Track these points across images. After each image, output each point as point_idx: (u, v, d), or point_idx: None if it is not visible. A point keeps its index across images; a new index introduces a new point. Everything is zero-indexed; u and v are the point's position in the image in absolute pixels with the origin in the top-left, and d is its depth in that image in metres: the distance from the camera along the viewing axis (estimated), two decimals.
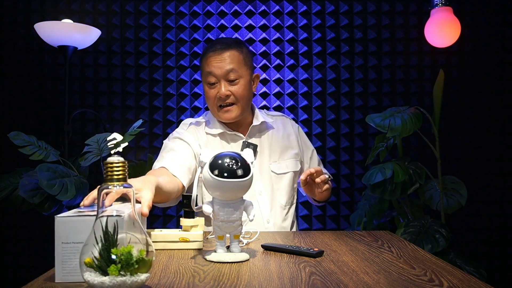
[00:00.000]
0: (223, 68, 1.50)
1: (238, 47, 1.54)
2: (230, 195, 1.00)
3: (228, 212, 1.00)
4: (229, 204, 1.00)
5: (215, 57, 1.51)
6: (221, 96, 1.51)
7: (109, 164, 0.77)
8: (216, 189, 0.98)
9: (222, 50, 1.51)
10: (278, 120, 1.70)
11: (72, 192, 1.77)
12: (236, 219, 1.02)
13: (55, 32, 2.15)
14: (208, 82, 1.53)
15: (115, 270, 0.71)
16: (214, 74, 1.51)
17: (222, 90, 1.50)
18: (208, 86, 1.54)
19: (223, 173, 0.96)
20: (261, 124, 1.63)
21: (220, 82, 1.51)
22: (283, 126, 1.69)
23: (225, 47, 1.52)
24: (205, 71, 1.53)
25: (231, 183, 0.96)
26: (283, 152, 1.63)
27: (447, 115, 2.49)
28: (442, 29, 2.23)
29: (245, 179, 0.97)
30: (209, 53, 1.52)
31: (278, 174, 1.60)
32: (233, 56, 1.51)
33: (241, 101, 1.54)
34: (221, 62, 1.50)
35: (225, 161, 0.97)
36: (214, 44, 1.55)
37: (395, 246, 1.18)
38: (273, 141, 1.64)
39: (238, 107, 1.54)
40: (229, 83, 1.51)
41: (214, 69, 1.51)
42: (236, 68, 1.51)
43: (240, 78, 1.52)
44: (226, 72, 1.50)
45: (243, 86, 1.53)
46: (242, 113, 1.56)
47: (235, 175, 0.96)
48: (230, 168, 0.96)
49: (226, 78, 1.51)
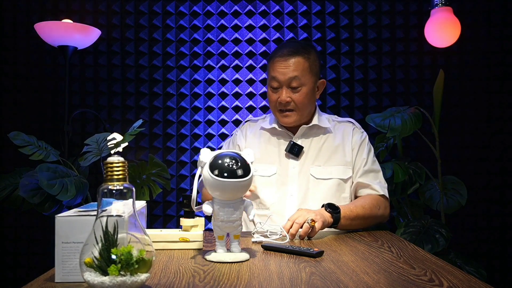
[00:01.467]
0: (286, 75, 1.51)
1: (306, 54, 1.54)
2: (230, 195, 1.00)
3: (228, 212, 1.00)
4: (229, 204, 1.00)
5: (280, 63, 1.52)
6: (281, 102, 1.53)
7: (109, 164, 0.77)
8: (216, 189, 0.98)
9: (289, 56, 1.52)
10: (341, 126, 1.65)
11: (72, 192, 1.77)
12: (236, 219, 1.02)
13: (55, 32, 2.15)
14: (272, 86, 1.56)
15: (115, 270, 0.71)
16: (278, 80, 1.53)
17: (283, 97, 1.52)
18: (271, 89, 1.56)
19: (223, 173, 0.96)
20: (315, 127, 1.61)
21: (282, 88, 1.53)
22: (343, 133, 1.62)
23: (292, 53, 1.52)
24: (270, 75, 1.56)
25: (231, 183, 0.96)
26: (331, 158, 1.58)
27: (447, 115, 2.49)
28: (442, 29, 2.23)
29: (245, 179, 0.97)
30: (276, 58, 1.54)
31: (317, 178, 1.55)
32: (298, 64, 1.52)
33: (301, 108, 1.55)
34: (286, 68, 1.51)
35: (225, 161, 0.97)
36: (282, 48, 1.56)
37: (395, 246, 1.18)
38: (324, 145, 1.60)
39: (297, 114, 1.56)
40: (291, 89, 1.53)
41: (278, 74, 1.52)
42: (299, 76, 1.52)
43: (303, 86, 1.53)
44: (289, 79, 1.52)
45: (304, 94, 1.54)
46: (301, 119, 1.58)
47: (235, 175, 0.96)
48: (230, 168, 0.96)
49: (288, 85, 1.52)
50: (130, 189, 0.78)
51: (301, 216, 1.28)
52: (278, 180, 1.55)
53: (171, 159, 2.51)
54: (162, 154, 2.51)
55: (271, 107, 1.60)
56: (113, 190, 0.77)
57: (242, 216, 1.04)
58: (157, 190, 2.10)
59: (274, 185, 1.54)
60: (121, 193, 0.78)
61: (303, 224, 1.26)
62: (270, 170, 1.56)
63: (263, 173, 1.55)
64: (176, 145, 2.51)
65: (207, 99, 2.53)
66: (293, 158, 1.57)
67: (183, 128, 2.52)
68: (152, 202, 2.45)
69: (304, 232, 1.26)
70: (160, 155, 2.50)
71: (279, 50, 1.56)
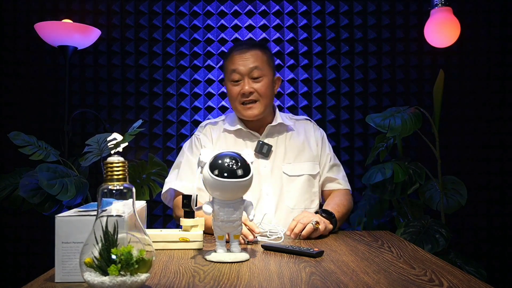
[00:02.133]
0: (247, 66, 1.55)
1: (263, 48, 1.61)
2: (230, 195, 1.00)
3: (228, 212, 1.00)
4: (229, 204, 1.00)
5: (240, 56, 1.56)
6: (244, 93, 1.55)
7: (109, 164, 0.77)
8: (216, 189, 0.98)
9: (247, 49, 1.57)
10: (301, 123, 1.71)
11: (72, 192, 1.77)
12: (236, 219, 1.02)
13: (55, 32, 2.15)
14: (232, 79, 1.58)
15: (115, 270, 0.71)
16: (238, 71, 1.56)
17: (246, 87, 1.55)
18: (232, 83, 1.58)
19: (223, 173, 0.96)
20: (279, 125, 1.64)
21: (244, 79, 1.56)
22: (305, 130, 1.69)
23: (249, 46, 1.58)
24: (230, 69, 1.58)
25: (231, 183, 0.96)
26: (299, 155, 1.62)
27: (447, 115, 2.49)
28: (442, 29, 2.23)
29: (245, 179, 0.97)
30: (234, 52, 1.58)
31: (290, 176, 1.58)
32: (257, 55, 1.57)
33: (264, 99, 1.57)
34: (246, 60, 1.56)
35: (225, 161, 0.97)
36: (239, 44, 1.62)
37: (395, 246, 1.18)
38: (290, 143, 1.63)
39: (260, 104, 1.57)
40: (252, 80, 1.56)
41: (238, 66, 1.56)
42: (260, 66, 1.56)
43: (264, 76, 1.57)
44: (250, 69, 1.55)
45: (266, 84, 1.57)
46: (264, 110, 1.59)
47: (235, 175, 0.96)
48: (230, 168, 0.97)
49: (250, 76, 1.56)
50: (130, 189, 0.78)
51: (305, 217, 1.32)
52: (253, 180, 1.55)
53: (171, 159, 2.51)
54: (162, 154, 2.51)
55: (233, 102, 1.60)
56: (113, 190, 0.77)
57: (242, 216, 1.04)
58: (157, 189, 2.10)
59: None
60: (121, 193, 0.78)
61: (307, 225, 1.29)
62: None
63: None
64: (176, 145, 2.51)
65: (207, 99, 2.53)
66: (263, 157, 1.58)
67: (183, 128, 2.52)
68: (152, 202, 2.45)
69: (307, 232, 1.29)
70: (160, 155, 2.50)
71: (236, 46, 1.61)
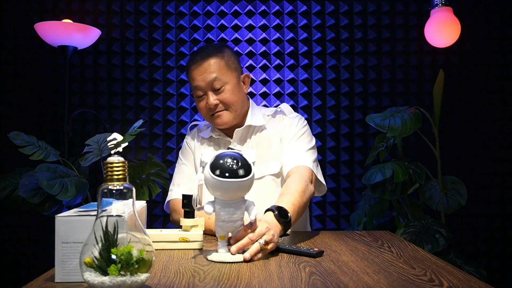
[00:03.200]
0: (206, 80, 1.49)
1: (218, 53, 1.52)
2: (231, 195, 1.00)
3: (230, 212, 1.00)
4: (230, 204, 1.00)
5: (197, 70, 1.50)
6: (210, 107, 1.51)
7: (109, 164, 0.77)
8: (217, 189, 0.98)
9: (202, 61, 1.50)
10: (274, 120, 1.61)
11: (72, 192, 1.77)
12: (238, 219, 1.02)
13: (55, 32, 2.15)
14: (197, 95, 1.53)
15: (115, 270, 0.71)
16: (200, 87, 1.51)
17: (210, 101, 1.50)
18: (197, 99, 1.54)
19: (224, 173, 0.96)
20: (247, 128, 1.57)
21: (207, 94, 1.51)
22: (276, 124, 1.60)
23: (204, 57, 1.51)
24: (192, 85, 1.54)
25: (232, 183, 0.96)
26: (266, 155, 1.54)
27: (447, 115, 2.49)
28: (442, 29, 2.23)
29: (246, 179, 0.97)
30: (191, 67, 1.52)
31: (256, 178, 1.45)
32: (214, 65, 1.50)
33: (232, 106, 1.52)
34: (203, 73, 1.49)
35: (226, 161, 0.97)
36: (195, 56, 1.54)
37: (395, 246, 1.18)
38: (259, 143, 1.56)
39: (230, 112, 1.52)
40: (215, 92, 1.50)
41: (198, 83, 1.50)
42: (219, 76, 1.49)
43: (226, 85, 1.50)
44: (209, 82, 1.49)
45: (229, 91, 1.51)
46: (235, 117, 1.54)
47: (236, 175, 0.96)
48: (231, 168, 0.96)
49: (211, 88, 1.50)
50: (130, 189, 0.78)
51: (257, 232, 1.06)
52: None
53: (171, 159, 2.51)
54: (162, 154, 2.51)
55: (204, 116, 1.57)
56: (113, 190, 0.77)
57: (243, 216, 1.03)
58: (157, 190, 2.10)
59: None
60: (121, 193, 0.77)
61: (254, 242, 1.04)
62: None
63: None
64: (176, 145, 2.51)
65: None
66: None
67: (183, 128, 2.52)
68: (152, 202, 2.45)
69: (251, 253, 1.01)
70: (160, 155, 2.50)
71: (192, 59, 1.54)
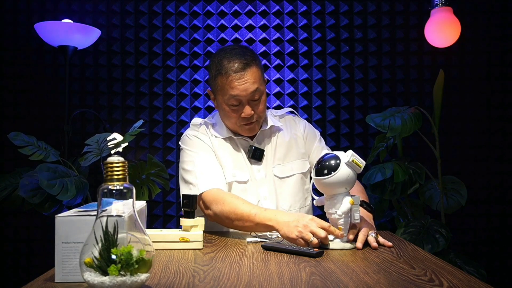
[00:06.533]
0: (248, 91, 1.42)
1: (255, 60, 1.46)
2: (325, 191, 1.20)
3: (328, 205, 1.20)
4: (327, 198, 1.21)
5: (239, 80, 1.42)
6: (245, 117, 1.46)
7: (109, 164, 0.77)
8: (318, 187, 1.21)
9: (244, 70, 1.42)
10: (286, 121, 1.66)
11: (72, 192, 1.77)
12: (333, 213, 1.18)
13: (55, 32, 2.15)
14: (231, 104, 1.45)
15: (115, 270, 0.71)
16: (239, 98, 1.43)
17: (247, 112, 1.45)
18: (231, 107, 1.46)
19: (316, 173, 1.19)
20: (270, 128, 1.59)
21: (243, 103, 1.44)
22: (290, 126, 1.64)
23: (245, 65, 1.42)
24: (228, 93, 1.43)
25: (317, 181, 1.18)
26: (288, 154, 1.58)
27: (447, 115, 2.49)
28: (442, 29, 2.23)
29: (326, 177, 1.15)
30: (230, 74, 1.42)
31: (281, 178, 1.55)
32: (255, 75, 1.44)
33: (262, 117, 1.53)
34: (245, 83, 1.42)
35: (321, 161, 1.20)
36: (232, 60, 1.43)
37: (395, 246, 1.18)
38: (278, 143, 1.59)
39: (259, 122, 1.53)
40: (252, 102, 1.46)
41: (239, 92, 1.42)
42: (259, 87, 1.45)
43: (262, 95, 1.48)
44: (251, 93, 1.43)
45: (263, 102, 1.49)
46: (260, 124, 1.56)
47: (321, 174, 1.17)
48: (318, 168, 1.19)
49: (250, 99, 1.45)
50: (130, 189, 0.78)
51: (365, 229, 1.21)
52: (252, 185, 1.53)
53: (171, 159, 2.51)
54: (162, 154, 2.51)
55: (229, 123, 1.51)
56: (113, 190, 0.77)
57: (339, 211, 1.17)
58: (156, 190, 2.10)
59: (249, 190, 1.52)
60: (121, 193, 0.78)
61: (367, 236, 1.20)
62: (244, 176, 1.52)
63: (240, 179, 1.51)
64: (176, 145, 2.51)
65: (207, 99, 2.53)
66: (255, 162, 1.54)
67: (183, 128, 2.52)
68: (152, 202, 2.45)
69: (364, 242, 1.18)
70: (160, 155, 2.50)
71: (230, 63, 1.43)
